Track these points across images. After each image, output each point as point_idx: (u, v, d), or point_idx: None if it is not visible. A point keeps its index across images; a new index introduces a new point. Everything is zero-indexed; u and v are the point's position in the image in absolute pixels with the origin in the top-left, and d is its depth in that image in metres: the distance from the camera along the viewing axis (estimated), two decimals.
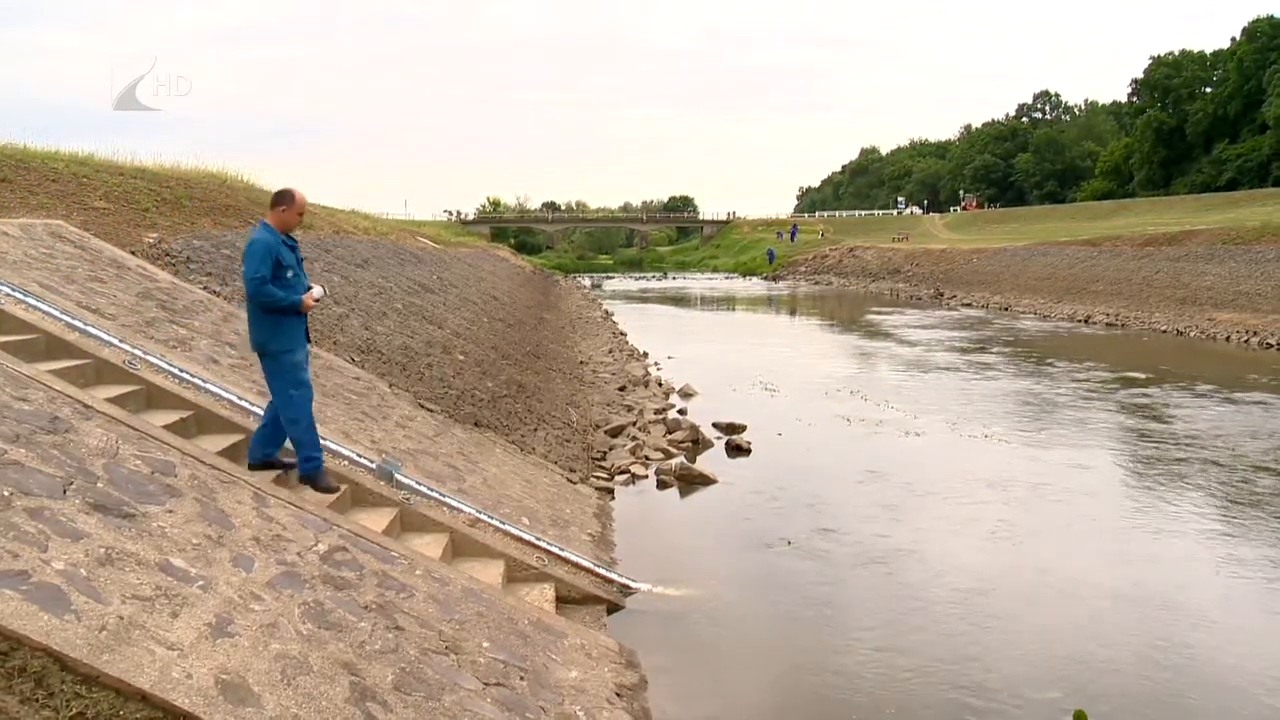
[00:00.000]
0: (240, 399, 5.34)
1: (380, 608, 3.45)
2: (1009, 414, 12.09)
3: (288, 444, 4.62)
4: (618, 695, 3.92)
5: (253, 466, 4.54)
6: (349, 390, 7.13)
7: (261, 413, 5.23)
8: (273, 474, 4.63)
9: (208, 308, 7.26)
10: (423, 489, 5.44)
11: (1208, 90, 59.76)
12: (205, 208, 10.75)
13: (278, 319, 4.33)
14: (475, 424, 8.43)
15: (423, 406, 8.00)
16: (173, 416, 4.70)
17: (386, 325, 10.27)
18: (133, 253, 7.91)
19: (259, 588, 3.08)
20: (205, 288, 7.99)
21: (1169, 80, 61.86)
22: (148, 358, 5.26)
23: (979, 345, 20.23)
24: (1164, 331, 22.39)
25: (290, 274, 4.39)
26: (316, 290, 4.52)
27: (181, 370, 5.30)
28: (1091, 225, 41.82)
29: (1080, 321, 25.62)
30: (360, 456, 5.40)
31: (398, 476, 5.35)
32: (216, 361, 6.04)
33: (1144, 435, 10.73)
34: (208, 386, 5.29)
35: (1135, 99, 69.49)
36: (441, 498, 5.49)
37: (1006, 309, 29.95)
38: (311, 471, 4.54)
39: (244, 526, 3.51)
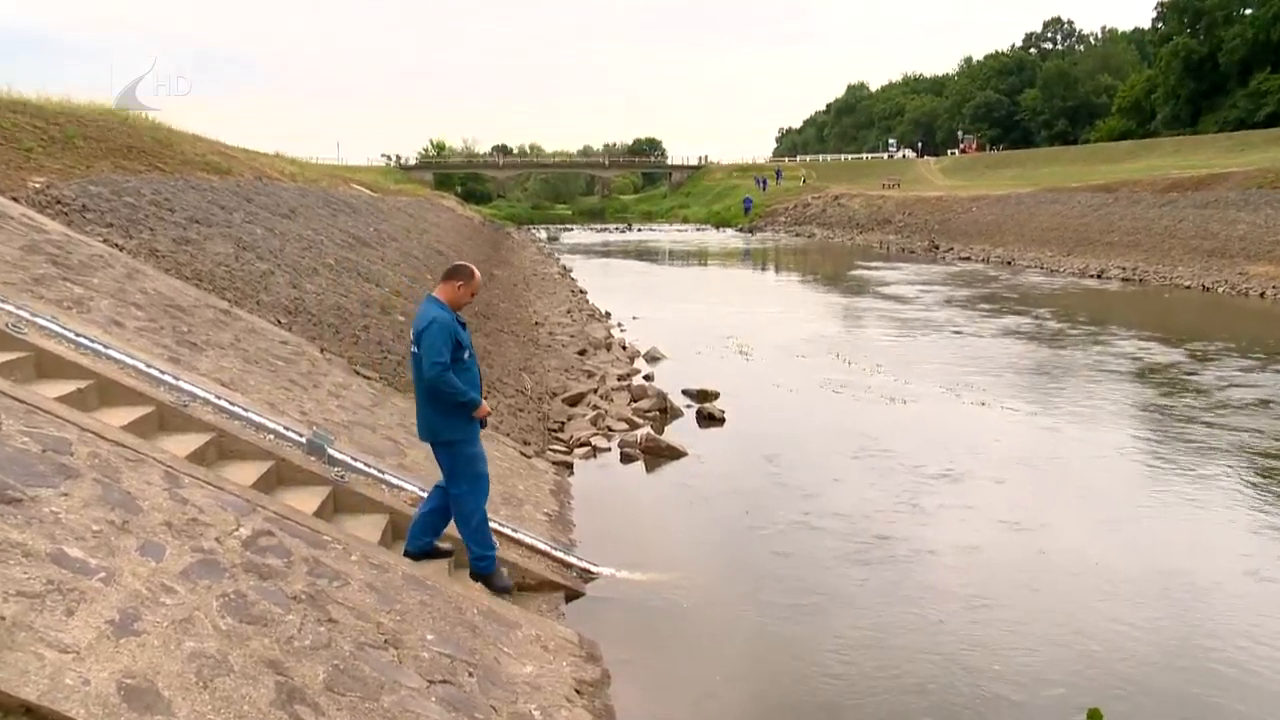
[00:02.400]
0: (148, 366, 5.18)
1: (311, 598, 3.41)
2: (1012, 379, 12.20)
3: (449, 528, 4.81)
4: (577, 692, 3.94)
5: (411, 555, 4.69)
6: (275, 356, 6.99)
7: (173, 380, 5.10)
8: (190, 449, 4.54)
9: (109, 263, 7.01)
10: (359, 465, 5.38)
11: (1247, 12, 55.83)
12: (103, 149, 10.32)
13: (454, 406, 4.46)
14: None
15: (358, 373, 7.88)
16: (68, 387, 4.55)
17: (317, 283, 10.06)
18: (15, 199, 7.57)
19: (171, 579, 3.01)
20: (106, 240, 7.69)
21: (1200, 2, 58.28)
22: (36, 320, 5.06)
23: (978, 303, 20.47)
24: (1188, 287, 22.25)
25: (466, 355, 4.59)
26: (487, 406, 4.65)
27: (78, 335, 5.11)
28: (1107, 169, 41.64)
29: (1093, 276, 25.72)
30: (288, 430, 5.31)
31: (330, 451, 5.28)
32: (120, 324, 5.85)
33: (1165, 404, 10.60)
34: (110, 353, 5.12)
35: (1160, 25, 66.18)
36: (380, 475, 5.44)
37: (1009, 263, 30.22)
38: (484, 571, 4.72)
39: (153, 510, 3.42)
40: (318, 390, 6.73)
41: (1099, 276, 25.67)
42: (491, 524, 5.54)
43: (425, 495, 5.49)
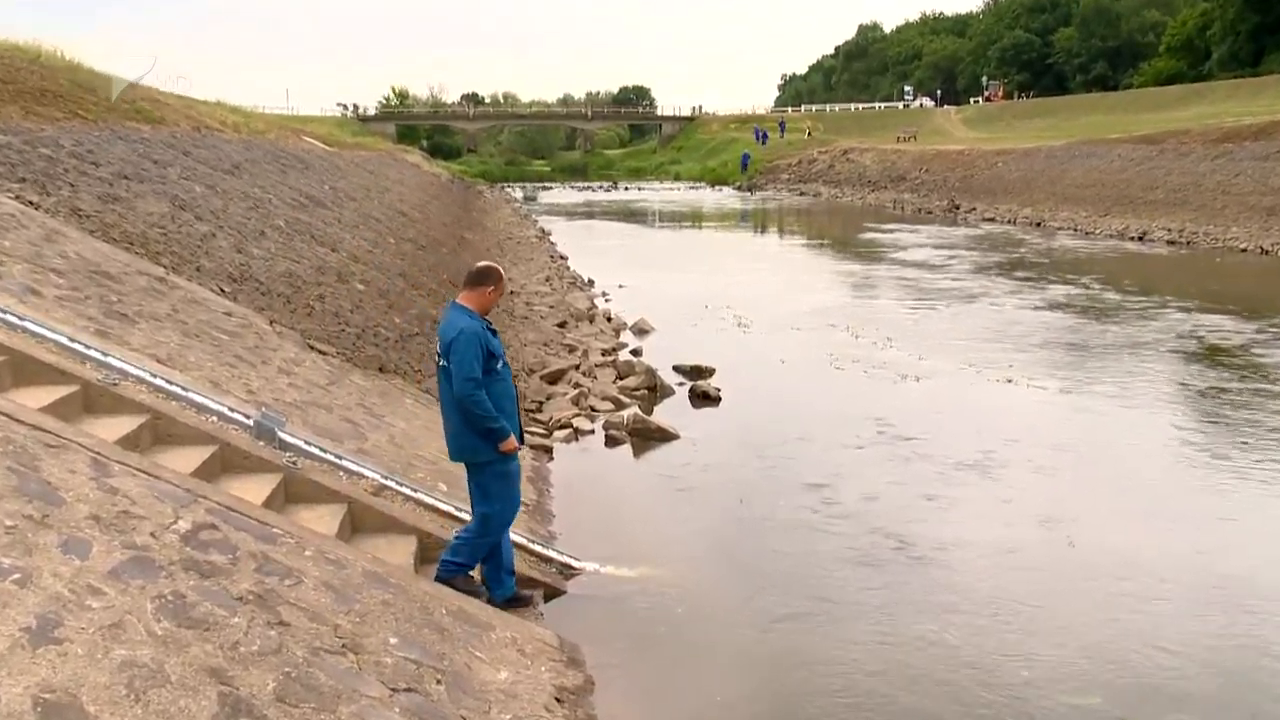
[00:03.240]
0: (71, 340, 5.10)
1: (259, 598, 3.38)
2: (1042, 355, 12.17)
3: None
4: (558, 700, 3.94)
5: (497, 603, 4.84)
6: (218, 328, 6.92)
7: (100, 356, 5.01)
8: (121, 433, 4.48)
9: (22, 224, 6.88)
10: (313, 449, 5.35)
11: None
12: (11, 92, 10.11)
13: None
14: (380, 369, 8.31)
15: (313, 348, 7.83)
16: None
17: (265, 247, 9.96)
18: None
19: (98, 579, 2.97)
20: (18, 198, 7.55)
21: None
22: None
23: (1003, 269, 20.50)
24: (1244, 250, 22.05)
25: (500, 365, 4.66)
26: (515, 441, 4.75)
27: None
28: (1152, 117, 40.98)
29: (1134, 239, 25.71)
30: (233, 411, 5.26)
31: (281, 435, 5.24)
32: (37, 293, 5.75)
33: (1218, 386, 10.42)
34: (25, 324, 5.03)
35: None
36: (337, 460, 5.41)
37: (1039, 225, 30.22)
38: (449, 576, 4.76)
39: (78, 502, 3.37)
40: (267, 367, 6.67)
41: (1141, 239, 25.63)
42: (462, 515, 5.54)
43: (387, 480, 5.47)
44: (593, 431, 8.93)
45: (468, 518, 5.48)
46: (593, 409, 9.58)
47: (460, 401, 4.48)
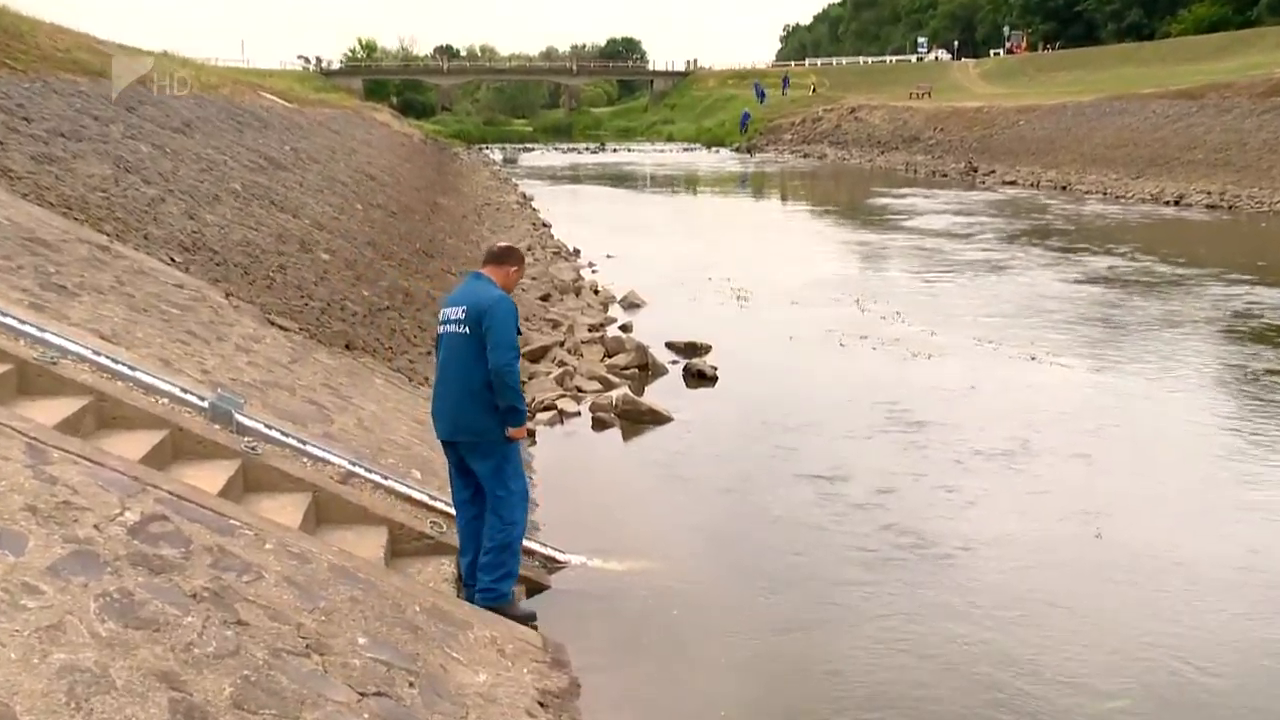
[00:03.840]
0: (3, 314, 5.03)
1: (215, 596, 3.36)
2: (1068, 331, 12.18)
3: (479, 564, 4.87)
4: (540, 705, 3.94)
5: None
6: (169, 301, 6.86)
7: (36, 331, 4.95)
8: (61, 416, 4.43)
9: None
10: (274, 434, 5.31)
11: None
12: None
13: (505, 409, 4.66)
14: (346, 346, 8.28)
15: (273, 323, 7.78)
16: None
17: (220, 213, 9.87)
18: None
19: (35, 576, 2.93)
20: None
21: None
22: None
23: (1026, 238, 20.51)
24: None
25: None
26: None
27: None
28: (1191, 69, 40.44)
29: (1169, 203, 25.68)
30: (186, 392, 5.22)
31: (239, 418, 5.20)
32: None
33: (1265, 364, 10.31)
34: None
35: None
36: (301, 445, 5.38)
37: (1065, 188, 30.22)
38: (495, 602, 4.76)
39: (12, 492, 3.33)
40: (223, 344, 6.62)
41: (1177, 203, 25.60)
42: (438, 504, 5.52)
43: (355, 467, 5.44)
44: (578, 413, 8.92)
45: (443, 507, 5.48)
46: (578, 389, 9.56)
47: (497, 372, 4.56)
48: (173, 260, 7.93)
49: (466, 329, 4.65)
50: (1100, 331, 12.25)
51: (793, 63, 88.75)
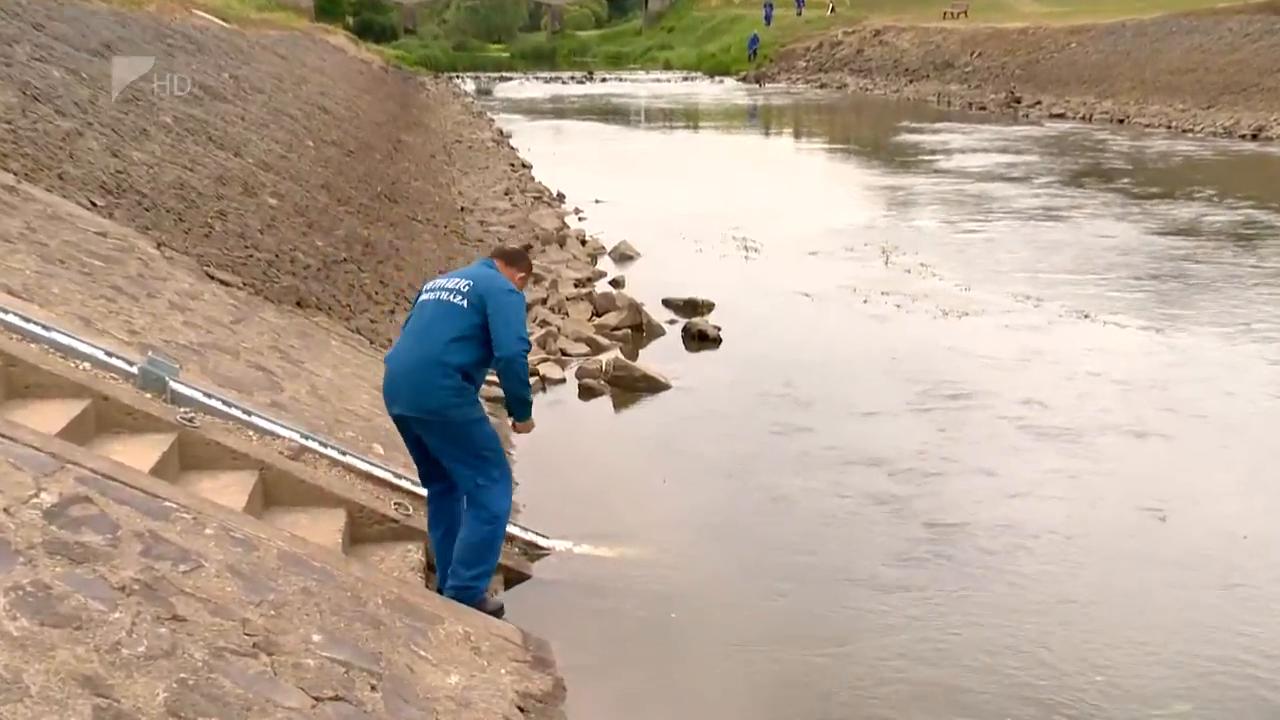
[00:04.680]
0: None
1: (146, 588, 3.33)
2: (1127, 287, 12.11)
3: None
4: (520, 710, 3.95)
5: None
6: (90, 252, 6.78)
7: None
8: None
9: None
10: (215, 403, 5.28)
11: None
12: None
13: (475, 375, 4.72)
14: (298, 303, 8.24)
15: (213, 277, 7.73)
16: None
17: (149, 150, 9.75)
18: None
19: None
20: None
21: None
22: None
23: (1076, 179, 20.39)
24: None
25: None
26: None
27: None
28: None
29: (1246, 137, 25.48)
30: (112, 356, 5.17)
31: (174, 385, 5.16)
32: None
33: None
34: None
35: None
36: (246, 416, 5.35)
37: (1122, 121, 29.99)
38: (471, 599, 4.80)
39: None
40: (154, 301, 6.56)
41: (1255, 137, 25.40)
42: (402, 483, 5.50)
43: (308, 441, 5.41)
44: (563, 380, 8.91)
45: (410, 486, 5.46)
46: (563, 353, 9.53)
47: (509, 360, 4.66)
48: (93, 204, 7.83)
49: (465, 301, 4.66)
50: (1164, 288, 12.15)
51: None
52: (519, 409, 4.95)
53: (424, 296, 4.90)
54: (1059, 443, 7.51)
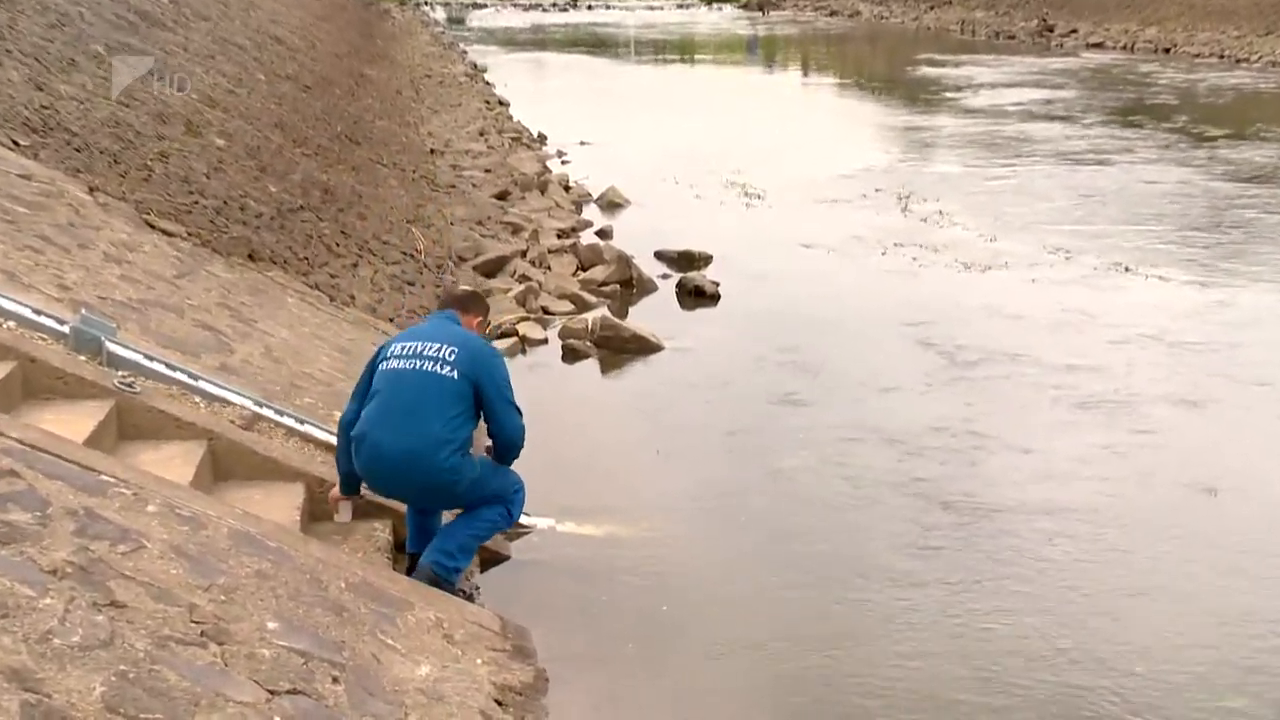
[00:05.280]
0: None
1: (82, 571, 3.31)
2: (1170, 237, 12.09)
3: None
4: (498, 703, 3.94)
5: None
6: (12, 197, 6.72)
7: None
8: None
9: None
10: (158, 366, 5.25)
11: None
12: None
13: (470, 440, 4.79)
14: (250, 256, 8.19)
15: (154, 226, 7.67)
16: None
17: (79, 83, 9.62)
18: None
19: None
20: None
21: None
22: None
23: (1116, 116, 20.40)
24: None
25: None
26: None
27: None
28: None
29: None
30: (39, 314, 5.13)
31: (111, 346, 5.12)
32: None
33: None
34: None
35: None
36: (192, 381, 5.32)
37: (1169, 50, 29.91)
38: (448, 576, 4.85)
39: None
40: (87, 252, 6.50)
41: None
42: None
43: (263, 408, 5.40)
44: (545, 341, 8.90)
45: None
46: (545, 311, 9.52)
47: (514, 441, 4.90)
48: (16, 144, 7.74)
49: (454, 373, 4.61)
50: (1220, 239, 12.14)
51: None
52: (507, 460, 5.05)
53: (395, 364, 4.75)
54: (1099, 414, 7.46)
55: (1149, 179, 15.03)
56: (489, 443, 4.98)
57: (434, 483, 4.68)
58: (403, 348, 4.78)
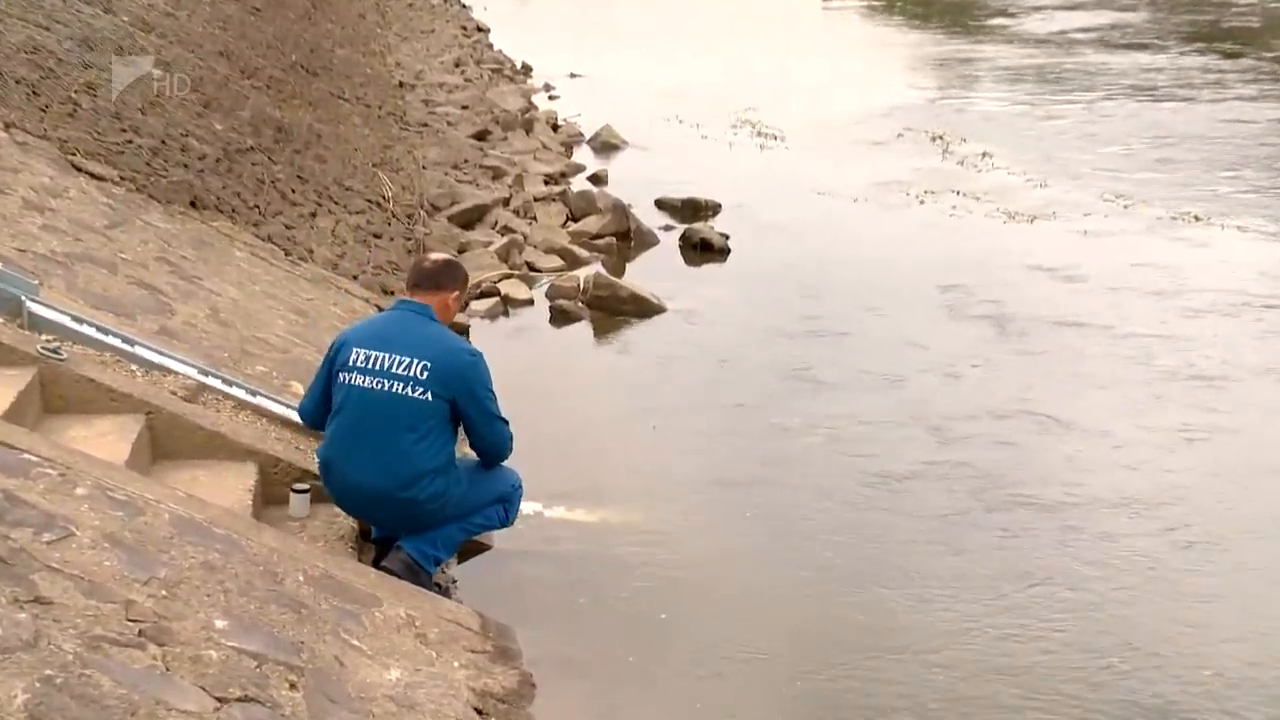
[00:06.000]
0: None
1: (1, 563, 3.31)
2: (1248, 183, 12.04)
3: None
4: (478, 712, 3.95)
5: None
6: None
7: None
8: None
9: None
10: (88, 330, 5.23)
11: None
12: None
13: (451, 457, 4.79)
14: (192, 204, 8.16)
15: (80, 169, 7.63)
16: None
17: None
18: None
19: None
20: None
21: None
22: None
23: (1192, 44, 20.26)
24: None
25: None
26: None
27: None
28: None
29: None
30: None
31: (32, 306, 5.11)
32: None
33: None
34: None
35: None
36: (128, 346, 5.31)
37: None
38: (424, 569, 4.86)
39: None
40: (3, 199, 6.46)
41: None
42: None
43: (209, 378, 5.39)
44: (531, 302, 8.90)
45: None
46: (531, 267, 9.51)
47: (501, 456, 4.94)
48: None
49: (428, 394, 4.54)
50: None
51: None
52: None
53: (359, 380, 4.67)
54: (1174, 391, 7.41)
55: (1229, 117, 14.96)
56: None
57: (416, 513, 4.70)
58: (366, 357, 4.67)
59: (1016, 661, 4.80)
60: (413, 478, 4.60)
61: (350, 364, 4.66)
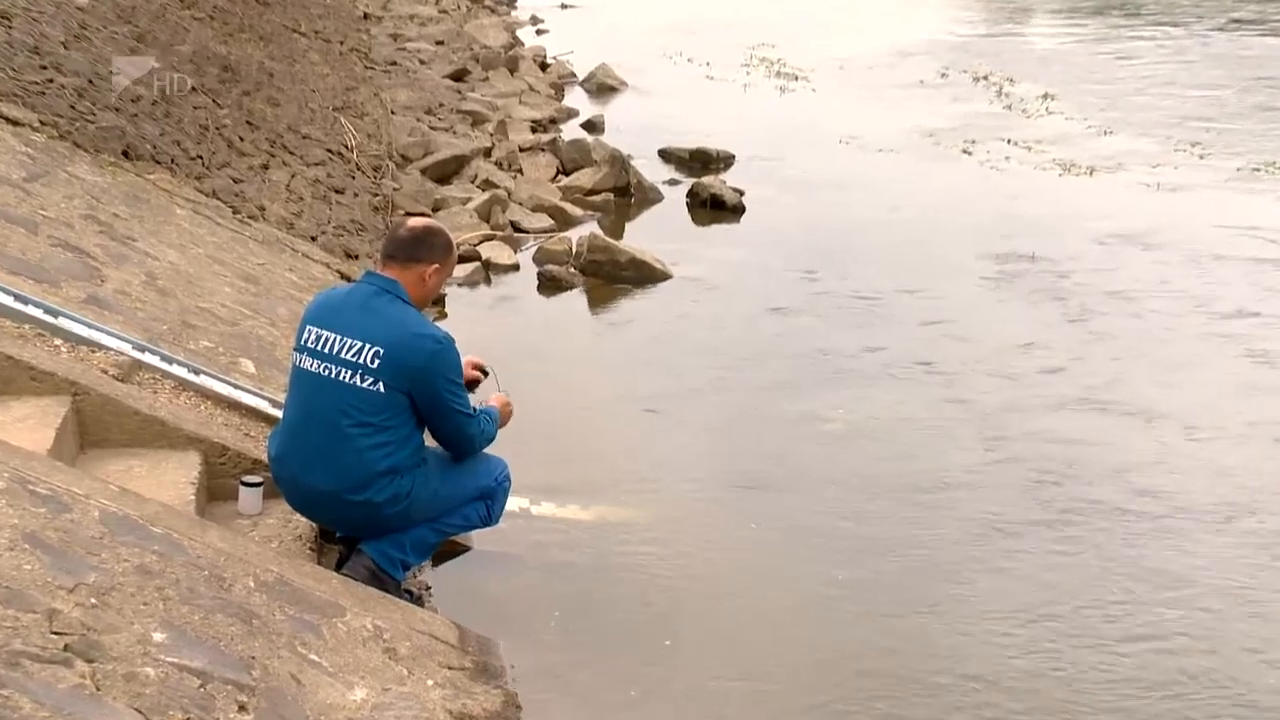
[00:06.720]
0: None
1: None
2: None
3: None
4: None
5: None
6: None
7: None
8: None
9: None
10: (4, 299, 5.23)
11: None
12: None
13: (417, 453, 4.77)
14: (125, 153, 8.15)
15: None
16: None
17: None
18: None
19: None
20: None
21: None
22: None
23: None
24: None
25: None
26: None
27: None
28: None
29: None
30: None
31: None
32: None
33: None
34: None
35: None
36: (50, 317, 5.32)
37: None
38: (393, 575, 4.88)
39: None
40: None
41: None
42: (280, 410, 5.49)
43: (144, 354, 5.39)
44: (516, 267, 8.92)
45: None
46: (516, 227, 9.53)
47: (468, 453, 4.92)
48: None
49: (379, 384, 4.48)
50: None
51: None
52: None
53: (307, 363, 4.64)
54: (1261, 374, 7.43)
55: None
56: None
57: (377, 517, 4.69)
58: (316, 337, 4.61)
59: (1062, 699, 4.77)
60: (366, 479, 4.57)
61: (302, 343, 4.63)
